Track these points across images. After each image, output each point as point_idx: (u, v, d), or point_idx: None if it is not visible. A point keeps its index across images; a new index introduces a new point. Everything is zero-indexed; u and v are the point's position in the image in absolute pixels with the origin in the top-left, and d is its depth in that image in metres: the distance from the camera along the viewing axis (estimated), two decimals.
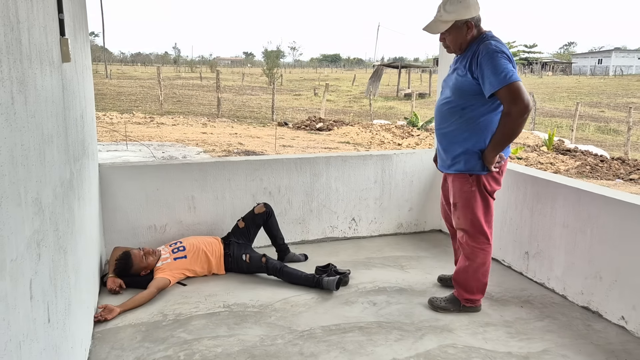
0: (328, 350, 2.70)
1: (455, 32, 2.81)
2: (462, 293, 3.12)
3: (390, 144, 13.59)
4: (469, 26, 2.80)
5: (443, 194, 3.32)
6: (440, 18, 2.80)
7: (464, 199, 2.95)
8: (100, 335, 2.83)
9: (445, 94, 2.98)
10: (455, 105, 2.88)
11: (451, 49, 2.91)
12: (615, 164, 10.94)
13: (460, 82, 2.83)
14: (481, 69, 2.69)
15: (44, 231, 1.68)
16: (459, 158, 2.91)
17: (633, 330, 2.89)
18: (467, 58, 2.82)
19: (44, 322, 1.63)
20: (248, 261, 3.61)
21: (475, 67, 2.73)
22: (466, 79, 2.79)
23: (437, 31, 2.84)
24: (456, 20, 2.78)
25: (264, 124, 17.39)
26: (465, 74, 2.79)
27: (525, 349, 2.74)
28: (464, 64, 2.83)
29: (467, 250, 3.04)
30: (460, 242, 3.08)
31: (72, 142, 2.46)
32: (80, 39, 3.05)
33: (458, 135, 2.89)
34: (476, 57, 2.74)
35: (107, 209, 3.82)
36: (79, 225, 2.49)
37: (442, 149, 3.02)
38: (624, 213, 2.92)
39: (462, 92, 2.82)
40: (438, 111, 3.03)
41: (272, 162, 4.19)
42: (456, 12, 2.77)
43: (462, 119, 2.85)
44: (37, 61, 1.72)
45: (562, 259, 3.35)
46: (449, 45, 2.89)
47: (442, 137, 3.00)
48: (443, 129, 2.98)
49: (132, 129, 14.28)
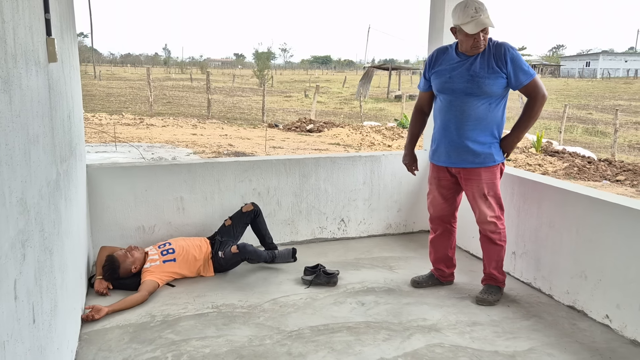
0: (316, 350, 2.71)
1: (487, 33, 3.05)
2: (500, 276, 3.35)
3: (380, 145, 13.63)
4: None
5: (441, 190, 3.35)
6: (487, 17, 2.98)
7: (494, 189, 3.19)
8: (88, 336, 2.81)
9: (461, 92, 3.08)
10: (482, 103, 3.07)
11: (480, 48, 3.05)
12: (602, 165, 11.05)
13: (490, 81, 3.03)
14: (513, 64, 3.02)
15: (29, 231, 1.67)
16: (488, 152, 3.13)
17: (617, 328, 2.93)
18: (484, 57, 3.05)
19: (29, 323, 1.62)
20: (223, 256, 3.64)
21: (502, 64, 3.03)
22: (498, 76, 3.03)
23: (492, 25, 3.00)
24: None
25: (254, 126, 17.36)
26: (494, 73, 3.03)
27: (511, 348, 2.77)
28: (485, 63, 3.04)
29: (498, 235, 3.25)
30: (491, 231, 3.23)
31: (59, 143, 2.45)
32: (68, 39, 3.04)
33: (486, 131, 3.11)
34: (502, 56, 3.02)
35: (95, 210, 3.80)
36: (66, 225, 2.48)
37: (463, 145, 3.13)
38: (608, 213, 2.97)
39: (492, 90, 3.04)
40: (457, 110, 3.12)
41: (261, 163, 4.19)
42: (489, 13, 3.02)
43: (490, 114, 3.09)
44: (22, 61, 1.71)
45: (549, 259, 3.38)
46: (483, 45, 3.04)
47: (467, 134, 3.12)
48: (467, 127, 3.11)
49: (122, 130, 14.19)
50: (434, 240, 3.52)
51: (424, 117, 3.51)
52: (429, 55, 3.35)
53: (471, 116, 3.09)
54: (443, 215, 3.42)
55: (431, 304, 3.29)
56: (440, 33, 4.37)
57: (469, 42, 3.02)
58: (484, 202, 3.19)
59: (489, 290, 3.33)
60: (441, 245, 3.50)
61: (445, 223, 3.45)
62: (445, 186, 3.34)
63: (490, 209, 3.20)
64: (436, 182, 3.38)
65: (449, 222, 3.46)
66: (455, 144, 3.17)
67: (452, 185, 3.34)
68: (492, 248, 3.30)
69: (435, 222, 3.48)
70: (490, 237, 3.27)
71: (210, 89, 21.18)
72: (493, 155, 3.15)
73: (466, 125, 3.11)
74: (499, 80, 3.03)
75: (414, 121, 3.53)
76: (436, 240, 3.51)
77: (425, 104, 3.45)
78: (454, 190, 3.36)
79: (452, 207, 3.42)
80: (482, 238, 3.32)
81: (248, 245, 3.67)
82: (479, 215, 3.25)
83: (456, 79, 3.10)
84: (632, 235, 2.82)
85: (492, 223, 3.22)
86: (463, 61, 3.10)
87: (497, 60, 3.03)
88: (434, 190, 3.41)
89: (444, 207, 3.40)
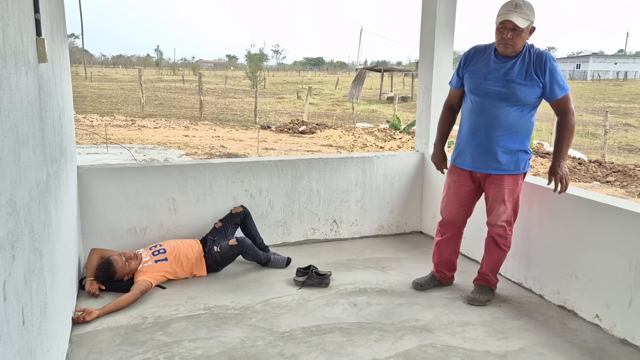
0: (308, 351, 2.71)
1: (525, 32, 2.93)
2: (493, 279, 3.37)
3: (372, 146, 13.66)
4: (531, 32, 2.96)
5: (460, 195, 3.28)
6: (521, 15, 2.86)
7: (514, 195, 3.17)
8: (78, 338, 2.79)
9: (495, 96, 3.01)
10: (515, 110, 3.01)
11: (512, 48, 2.95)
12: (593, 166, 11.15)
13: (526, 89, 2.96)
14: (551, 75, 2.95)
15: (19, 232, 1.66)
16: (515, 160, 3.09)
17: (607, 328, 2.95)
18: (523, 63, 2.97)
19: (18, 325, 1.61)
20: (219, 250, 3.64)
21: (541, 73, 2.95)
22: (534, 84, 2.96)
23: (521, 24, 2.87)
24: (531, 21, 2.91)
25: (246, 127, 17.34)
26: (531, 80, 2.95)
27: (502, 348, 2.78)
28: (523, 70, 2.96)
29: (504, 240, 3.26)
30: (498, 234, 3.22)
31: (49, 144, 2.43)
32: (58, 39, 3.02)
33: (516, 138, 3.06)
34: (542, 65, 2.94)
35: (86, 212, 3.77)
36: (56, 227, 2.46)
37: (491, 151, 3.08)
38: (598, 214, 2.99)
39: (526, 97, 2.98)
40: (489, 114, 3.05)
41: (253, 165, 4.19)
42: (532, 14, 2.91)
43: (521, 121, 3.05)
44: (11, 61, 1.70)
45: (539, 259, 3.41)
46: (514, 42, 2.93)
47: (497, 139, 3.05)
48: (497, 132, 3.04)
49: (113, 132, 14.12)
50: (440, 243, 3.48)
51: (453, 115, 3.41)
52: (465, 52, 3.23)
53: (503, 122, 3.02)
54: (456, 220, 3.38)
55: (423, 304, 3.30)
56: (431, 34, 4.39)
57: (497, 37, 2.97)
58: (500, 205, 3.16)
59: (481, 291, 3.34)
60: (447, 250, 3.47)
61: (456, 228, 3.41)
62: (465, 191, 3.28)
63: (504, 214, 3.17)
64: (455, 186, 3.30)
65: (459, 228, 3.43)
66: (484, 148, 3.10)
67: (471, 192, 3.29)
68: (495, 251, 3.29)
69: (445, 225, 3.43)
70: (496, 241, 3.27)
71: (203, 91, 21.13)
72: (519, 164, 3.11)
73: (497, 131, 3.04)
74: (534, 89, 2.97)
75: (444, 118, 3.41)
76: (443, 243, 3.47)
77: (455, 101, 3.36)
78: (472, 196, 3.31)
79: (467, 212, 3.37)
80: (488, 239, 3.31)
81: (247, 239, 3.73)
82: (491, 217, 3.22)
83: (491, 81, 3.01)
84: (621, 235, 2.84)
85: (501, 227, 3.20)
86: (501, 64, 3.01)
87: (537, 68, 2.95)
88: (451, 194, 3.34)
89: (459, 211, 3.35)
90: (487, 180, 3.19)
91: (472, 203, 3.36)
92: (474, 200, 3.36)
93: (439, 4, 4.29)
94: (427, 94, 4.53)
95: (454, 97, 3.35)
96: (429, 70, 4.48)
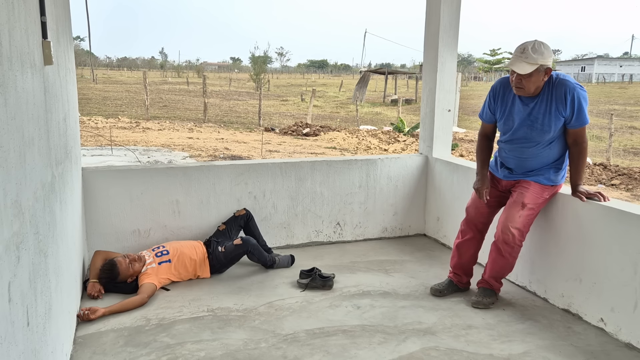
0: (312, 353, 2.71)
1: (536, 75, 2.94)
2: (496, 285, 3.35)
3: (376, 149, 13.66)
4: (547, 72, 2.97)
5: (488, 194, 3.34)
6: (526, 60, 2.90)
7: (534, 203, 3.16)
8: (82, 340, 2.80)
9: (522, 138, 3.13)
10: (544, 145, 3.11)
11: (524, 90, 3.01)
12: (598, 169, 11.10)
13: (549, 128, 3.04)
14: (572, 107, 2.98)
15: (24, 234, 1.67)
16: (546, 169, 3.17)
17: (612, 332, 2.94)
18: (543, 102, 3.03)
19: (23, 326, 1.62)
20: (223, 250, 3.67)
21: (562, 107, 2.99)
22: (557, 120, 3.02)
23: (524, 71, 2.91)
24: (540, 65, 2.91)
25: (250, 129, 17.36)
26: (555, 117, 3.02)
27: (506, 351, 2.77)
28: (546, 108, 3.02)
29: (510, 249, 3.18)
30: (506, 241, 3.16)
31: (54, 145, 2.45)
32: (64, 42, 3.04)
33: (545, 161, 3.16)
34: (562, 98, 2.97)
35: (90, 213, 3.79)
36: (61, 228, 2.47)
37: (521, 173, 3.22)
38: (603, 217, 2.98)
39: (551, 135, 3.06)
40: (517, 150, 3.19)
41: (257, 167, 4.19)
42: (542, 57, 2.90)
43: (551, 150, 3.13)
44: (17, 63, 1.72)
45: (543, 262, 3.39)
46: (524, 86, 2.99)
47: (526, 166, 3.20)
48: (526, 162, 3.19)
49: (118, 134, 14.17)
50: (460, 245, 3.48)
51: (490, 143, 3.47)
52: (492, 86, 3.31)
53: (530, 155, 3.15)
54: (478, 218, 3.40)
55: (426, 307, 3.29)
56: (435, 37, 4.39)
57: (510, 80, 3.07)
58: (518, 210, 3.14)
59: (484, 294, 3.33)
60: (467, 252, 3.46)
61: (477, 230, 3.42)
62: (492, 193, 3.35)
63: (519, 219, 3.13)
64: (488, 187, 3.36)
65: (480, 230, 3.43)
66: (514, 172, 3.25)
67: (499, 195, 3.35)
68: (499, 259, 3.24)
69: (469, 224, 3.45)
70: (500, 249, 3.19)
71: (207, 93, 21.18)
72: (550, 176, 3.16)
73: (526, 162, 3.18)
74: (557, 125, 3.04)
75: (481, 147, 3.47)
76: (463, 245, 3.47)
77: (489, 131, 3.44)
78: (499, 200, 3.36)
79: (489, 214, 3.41)
80: (494, 246, 3.26)
81: (252, 238, 3.76)
82: (504, 219, 3.17)
83: (517, 125, 3.13)
84: (627, 239, 2.83)
85: (511, 234, 3.13)
86: (524, 105, 3.09)
87: (558, 102, 3.00)
88: (474, 198, 3.42)
89: (484, 211, 3.38)
90: (514, 186, 3.25)
91: (496, 207, 3.40)
92: (499, 205, 3.40)
93: (442, 7, 4.29)
94: (431, 97, 4.53)
95: (488, 128, 3.43)
96: (433, 72, 4.48)
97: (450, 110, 4.56)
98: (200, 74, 50.77)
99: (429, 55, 4.52)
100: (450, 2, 4.31)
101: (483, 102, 3.38)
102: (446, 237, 4.46)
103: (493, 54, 62.27)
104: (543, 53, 2.89)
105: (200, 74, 47.47)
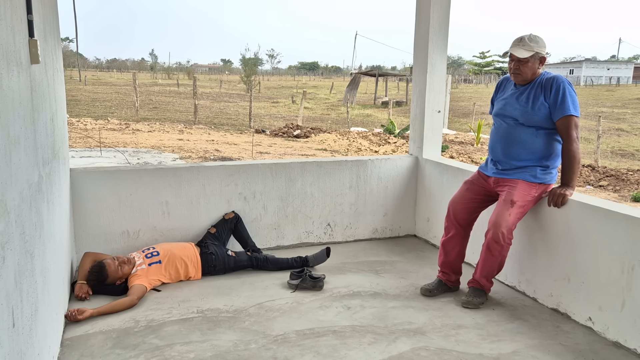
0: (302, 354, 2.70)
1: (532, 62, 3.16)
2: (487, 284, 3.36)
3: (367, 150, 13.68)
4: (541, 61, 3.19)
5: (472, 190, 3.43)
6: (524, 47, 3.13)
7: (523, 201, 3.20)
8: (70, 342, 2.77)
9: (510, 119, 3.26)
10: (529, 132, 3.20)
11: (521, 77, 3.21)
12: (586, 170, 11.20)
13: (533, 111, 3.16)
14: (556, 96, 3.11)
15: (9, 234, 1.65)
16: (532, 166, 3.23)
17: (599, 330, 2.96)
18: (532, 90, 3.20)
19: (9, 327, 1.60)
20: (235, 255, 3.73)
21: (548, 95, 3.14)
22: (540, 106, 3.15)
23: (522, 55, 3.12)
24: (536, 52, 3.13)
25: (241, 131, 17.32)
26: (540, 104, 3.15)
27: (496, 351, 2.78)
28: (532, 96, 3.18)
29: (500, 248, 3.19)
30: (496, 240, 3.16)
31: (41, 145, 2.42)
32: (51, 41, 3.01)
33: (531, 155, 3.23)
34: (549, 87, 3.14)
35: (78, 214, 3.75)
36: (48, 229, 2.45)
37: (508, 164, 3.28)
38: (591, 217, 3.00)
39: (533, 119, 3.17)
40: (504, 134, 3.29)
41: (247, 168, 4.18)
42: (537, 45, 3.14)
43: (536, 140, 3.20)
44: (3, 61, 1.70)
45: (532, 262, 3.41)
46: (522, 72, 3.18)
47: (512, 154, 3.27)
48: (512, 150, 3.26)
49: (107, 135, 14.07)
50: (445, 242, 3.51)
51: None
52: (498, 81, 3.57)
53: (516, 140, 3.24)
54: (462, 216, 3.43)
55: (417, 307, 3.30)
56: (425, 38, 4.41)
57: (508, 69, 3.26)
58: (507, 208, 3.16)
59: (474, 293, 3.34)
60: (452, 250, 3.48)
61: (460, 226, 3.45)
62: (476, 190, 3.43)
63: (509, 217, 3.15)
64: (470, 184, 3.48)
65: (463, 226, 3.45)
66: (502, 162, 3.32)
67: (483, 193, 3.41)
68: (489, 258, 3.25)
69: (450, 220, 3.48)
70: (491, 248, 3.20)
71: (197, 95, 21.12)
72: (536, 175, 3.22)
73: (511, 148, 3.26)
74: (541, 110, 3.15)
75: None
76: (448, 243, 3.50)
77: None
78: (482, 198, 3.42)
79: (471, 211, 3.45)
80: (484, 245, 3.26)
81: (259, 256, 3.83)
82: (495, 218, 3.18)
83: (508, 107, 3.29)
84: (614, 238, 2.85)
85: (502, 232, 3.15)
86: (517, 92, 3.27)
87: (544, 91, 3.16)
88: (462, 190, 3.49)
89: (465, 206, 3.43)
90: (502, 183, 3.29)
91: (480, 205, 3.45)
92: (482, 204, 3.45)
93: (432, 9, 4.31)
94: (421, 98, 4.54)
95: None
96: (422, 74, 4.50)
97: (440, 112, 4.58)
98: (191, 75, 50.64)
99: (418, 56, 4.54)
100: (440, 3, 4.33)
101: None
102: (436, 237, 4.47)
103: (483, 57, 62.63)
104: (538, 42, 3.15)
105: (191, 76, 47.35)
